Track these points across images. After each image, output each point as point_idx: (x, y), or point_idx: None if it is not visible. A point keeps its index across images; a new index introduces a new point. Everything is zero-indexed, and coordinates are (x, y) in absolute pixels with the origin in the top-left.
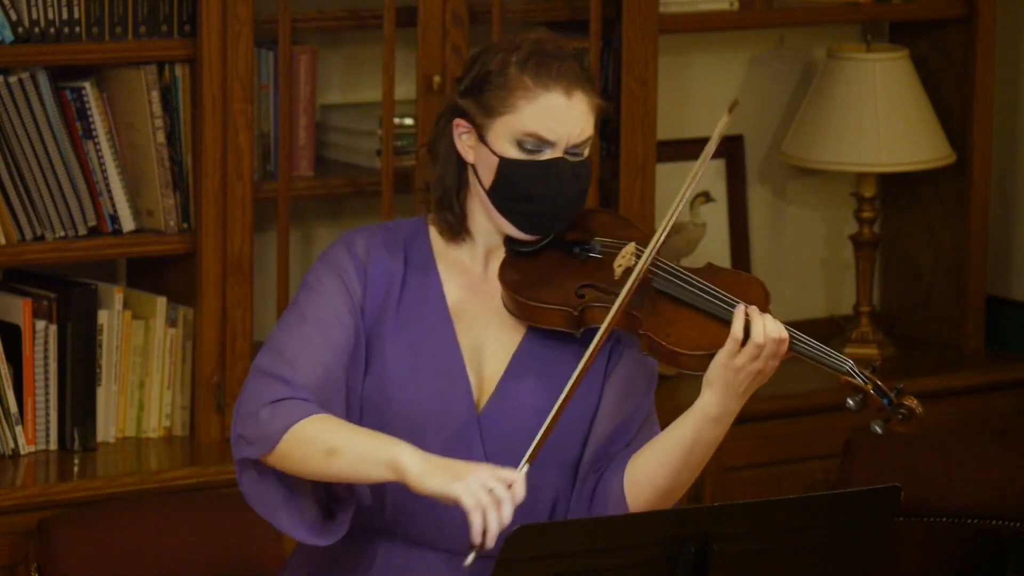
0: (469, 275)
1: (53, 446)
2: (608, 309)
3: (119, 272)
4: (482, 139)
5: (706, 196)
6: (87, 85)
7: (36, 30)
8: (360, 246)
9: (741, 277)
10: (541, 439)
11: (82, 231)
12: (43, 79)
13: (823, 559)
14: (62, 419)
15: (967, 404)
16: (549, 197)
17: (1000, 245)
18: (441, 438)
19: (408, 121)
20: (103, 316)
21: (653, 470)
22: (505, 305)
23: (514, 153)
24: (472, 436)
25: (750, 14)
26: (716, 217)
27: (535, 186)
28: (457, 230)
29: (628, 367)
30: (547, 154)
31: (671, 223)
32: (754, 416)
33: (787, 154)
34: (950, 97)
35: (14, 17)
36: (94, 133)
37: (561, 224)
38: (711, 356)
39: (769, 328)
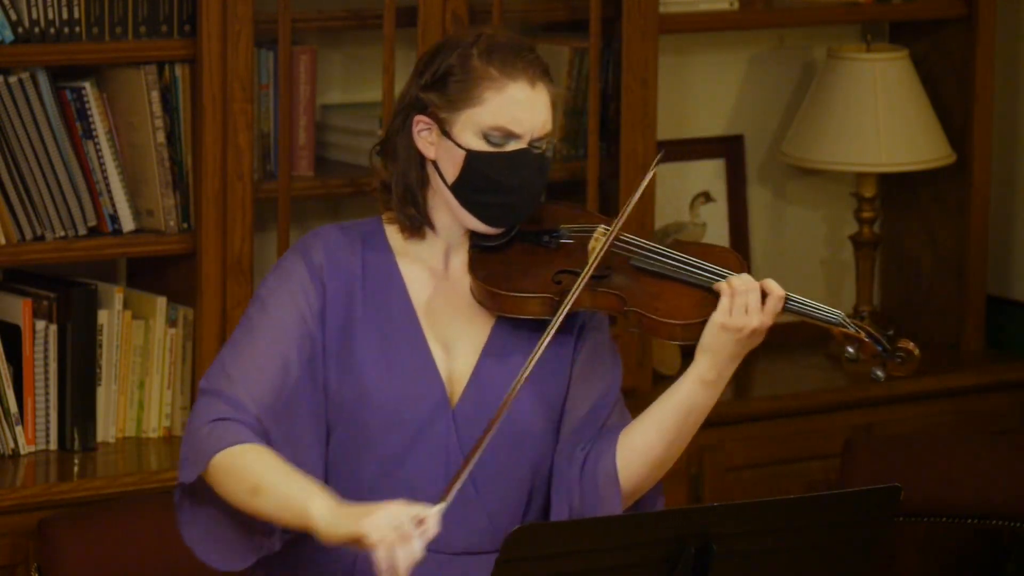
0: (431, 271)
1: (53, 446)
2: (584, 289)
3: (119, 272)
4: (446, 134)
5: (706, 196)
6: (87, 85)
7: (36, 30)
8: (316, 251)
9: (713, 248)
10: (469, 463)
11: (82, 231)
12: (43, 79)
13: (823, 559)
14: (62, 419)
15: (967, 404)
16: (516, 188)
17: (1000, 245)
18: (417, 435)
19: None
20: (103, 316)
21: (649, 441)
22: (478, 299)
23: (481, 146)
24: (447, 431)
25: (750, 14)
26: (716, 217)
27: (503, 177)
28: (419, 227)
29: (593, 351)
30: (512, 146)
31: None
32: (754, 416)
33: (787, 154)
34: (950, 97)
35: (14, 17)
36: (94, 133)
37: (525, 216)
38: (702, 324)
39: (765, 284)
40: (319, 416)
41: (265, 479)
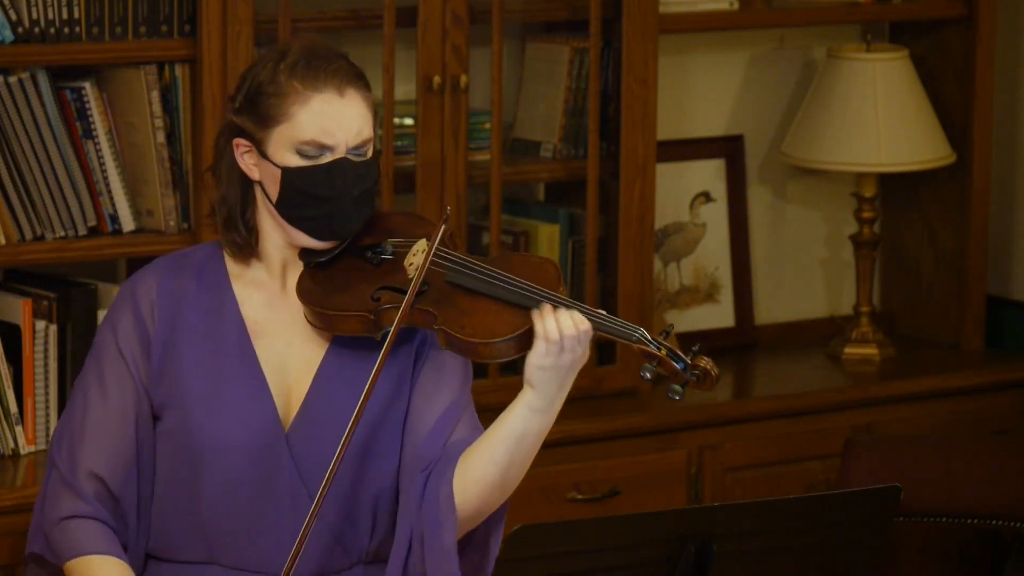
0: (267, 292)
1: None
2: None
3: (119, 272)
4: (263, 154)
5: (706, 196)
6: (87, 85)
7: (36, 30)
8: (143, 289)
9: (532, 260)
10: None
11: (82, 231)
12: (43, 79)
13: (823, 559)
14: None
15: (967, 404)
16: (335, 199)
17: (1000, 245)
18: (250, 460)
19: (408, 121)
20: (103, 316)
21: (484, 467)
22: (306, 318)
23: (295, 161)
24: (282, 455)
25: (750, 14)
26: (716, 217)
27: (320, 190)
28: (246, 250)
29: (436, 366)
30: (328, 157)
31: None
32: (754, 416)
33: (787, 154)
34: (950, 97)
35: (14, 17)
36: (94, 133)
37: (352, 227)
38: (509, 342)
39: (567, 324)
40: (157, 442)
41: None
